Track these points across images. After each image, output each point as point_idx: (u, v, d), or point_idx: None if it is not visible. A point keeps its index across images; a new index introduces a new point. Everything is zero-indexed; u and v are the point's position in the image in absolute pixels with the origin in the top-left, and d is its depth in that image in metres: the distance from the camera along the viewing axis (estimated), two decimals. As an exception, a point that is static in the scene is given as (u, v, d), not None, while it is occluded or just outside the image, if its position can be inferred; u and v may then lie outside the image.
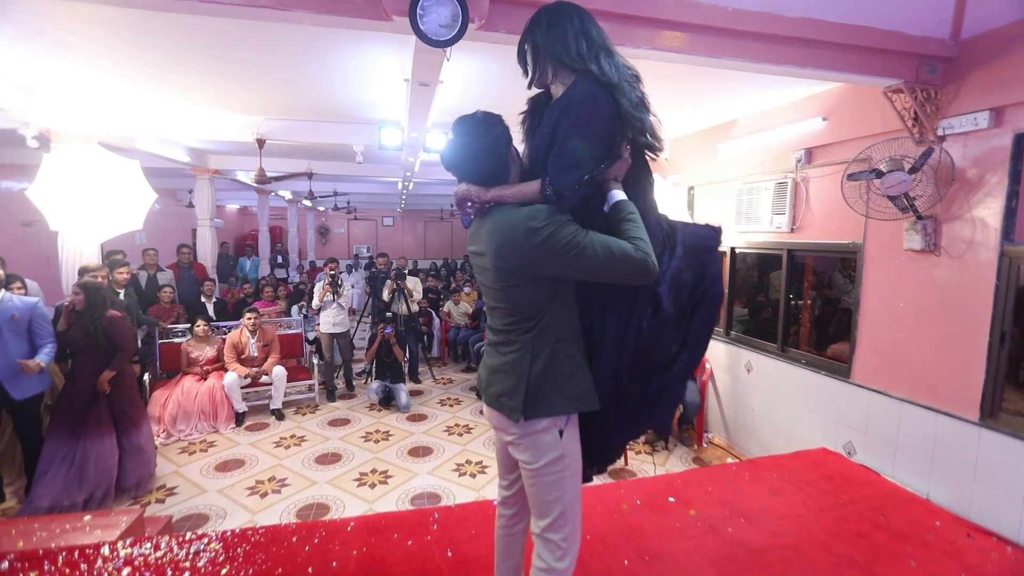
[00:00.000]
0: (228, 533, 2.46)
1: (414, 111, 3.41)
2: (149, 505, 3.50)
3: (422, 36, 1.85)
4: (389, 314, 5.90)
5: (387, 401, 5.45)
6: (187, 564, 2.25)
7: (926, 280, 2.87)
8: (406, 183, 8.35)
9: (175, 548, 2.35)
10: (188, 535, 2.44)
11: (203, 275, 6.60)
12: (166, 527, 2.91)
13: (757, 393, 4.20)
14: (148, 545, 2.35)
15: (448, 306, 7.41)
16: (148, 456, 3.71)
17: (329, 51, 2.97)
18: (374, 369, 5.68)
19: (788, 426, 3.87)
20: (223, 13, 1.98)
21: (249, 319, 5.20)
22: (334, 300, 5.67)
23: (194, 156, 6.35)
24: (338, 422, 5.04)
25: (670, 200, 4.54)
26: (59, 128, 4.00)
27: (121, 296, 4.53)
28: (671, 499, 2.79)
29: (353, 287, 10.06)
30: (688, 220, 1.37)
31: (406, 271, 6.79)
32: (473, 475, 3.96)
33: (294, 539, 2.43)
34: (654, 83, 3.50)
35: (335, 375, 5.86)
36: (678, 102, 4.02)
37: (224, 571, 2.20)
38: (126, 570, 2.20)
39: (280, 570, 2.21)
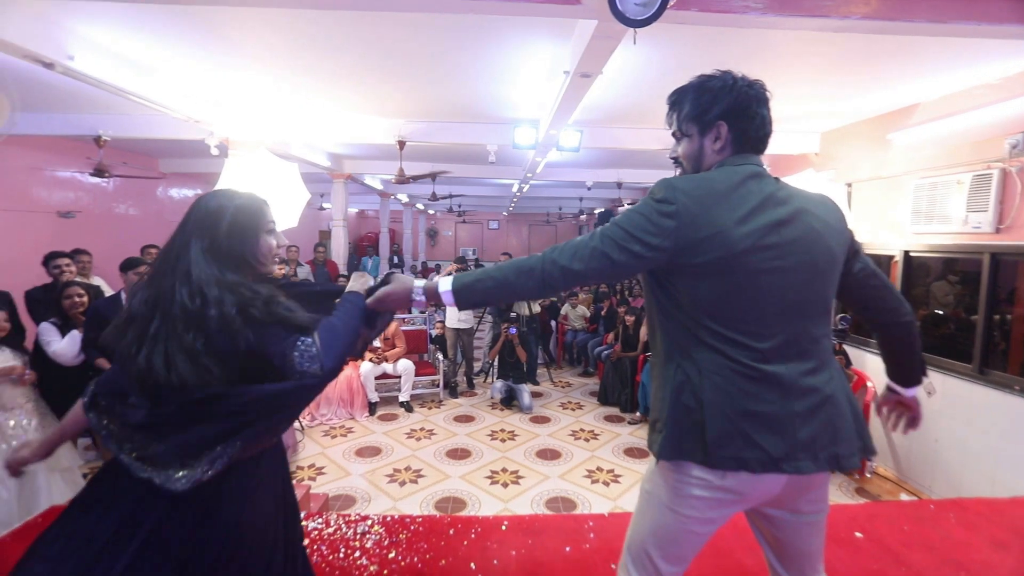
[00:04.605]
0: (388, 518, 2.52)
1: (564, 105, 3.34)
2: (312, 481, 3.75)
3: (619, 16, 1.75)
4: (513, 314, 5.92)
5: (508, 401, 5.46)
6: (356, 543, 2.33)
7: None
8: (523, 184, 8.41)
9: (343, 527, 2.45)
10: (352, 515, 2.54)
11: (336, 272, 7.12)
12: (325, 504, 3.09)
13: (943, 421, 3.60)
14: (320, 520, 2.48)
15: (565, 309, 7.32)
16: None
17: (484, 46, 2.93)
18: (496, 368, 5.73)
19: (990, 463, 3.26)
20: (401, 7, 2.03)
21: None
22: None
23: (332, 161, 6.87)
24: (463, 418, 5.13)
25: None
26: (236, 137, 4.48)
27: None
28: (858, 534, 2.43)
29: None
30: None
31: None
32: (607, 483, 3.80)
33: (451, 532, 2.43)
34: (810, 75, 3.19)
35: (456, 372, 5.99)
36: (833, 92, 3.61)
37: (391, 555, 2.25)
38: (304, 541, 2.33)
39: (443, 562, 2.21)
